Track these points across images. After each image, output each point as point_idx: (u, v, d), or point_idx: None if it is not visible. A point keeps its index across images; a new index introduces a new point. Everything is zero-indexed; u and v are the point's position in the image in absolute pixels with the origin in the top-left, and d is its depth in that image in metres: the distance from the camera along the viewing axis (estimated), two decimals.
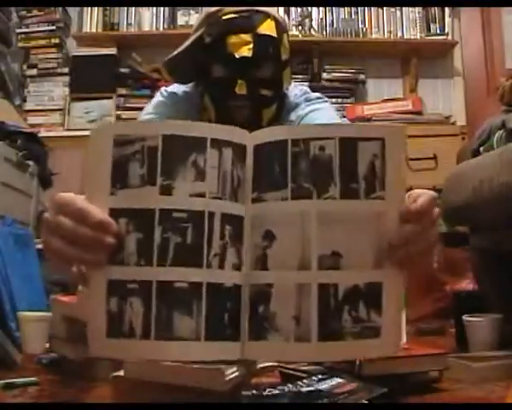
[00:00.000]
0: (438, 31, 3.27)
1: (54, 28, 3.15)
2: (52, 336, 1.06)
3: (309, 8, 3.24)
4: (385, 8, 3.28)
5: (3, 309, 1.31)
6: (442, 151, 2.63)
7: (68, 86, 3.13)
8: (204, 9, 1.28)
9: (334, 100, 3.12)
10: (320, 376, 0.76)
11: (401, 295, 0.67)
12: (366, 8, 3.27)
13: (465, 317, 1.25)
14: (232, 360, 0.71)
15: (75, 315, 0.92)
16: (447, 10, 3.28)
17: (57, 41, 3.15)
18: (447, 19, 3.28)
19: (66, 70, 3.15)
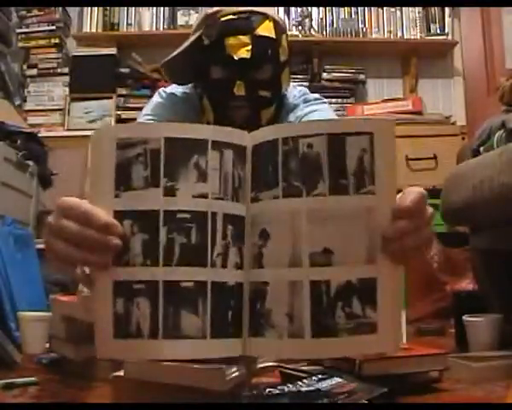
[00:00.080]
0: (438, 31, 3.27)
1: (54, 28, 3.15)
2: (52, 336, 1.06)
3: (309, 8, 3.24)
4: (385, 8, 3.28)
5: (3, 309, 1.31)
6: (442, 151, 2.63)
7: (68, 86, 3.13)
8: (203, 10, 1.28)
9: (334, 100, 3.13)
10: (320, 376, 0.76)
11: (399, 290, 0.66)
12: (366, 8, 3.28)
13: (465, 317, 1.25)
14: (232, 360, 0.71)
15: (75, 315, 0.92)
16: (447, 10, 3.28)
17: (57, 41, 3.15)
18: (447, 19, 3.28)
19: (66, 70, 3.15)
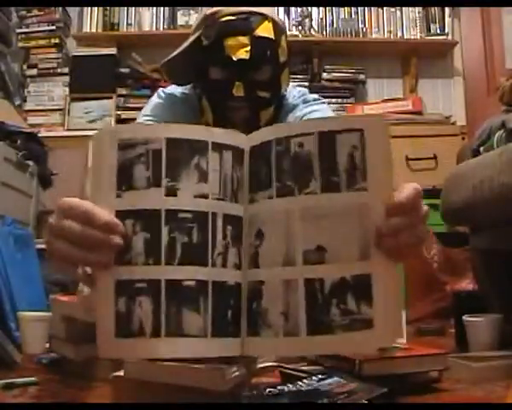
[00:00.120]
0: (438, 31, 3.27)
1: (54, 28, 3.15)
2: (52, 336, 1.06)
3: (309, 8, 3.24)
4: (385, 8, 3.28)
5: (3, 309, 1.31)
6: (442, 151, 2.63)
7: (68, 86, 3.13)
8: (202, 11, 1.28)
9: (334, 100, 3.13)
10: (320, 376, 0.76)
11: (396, 286, 0.65)
12: (366, 8, 3.28)
13: (465, 317, 1.25)
14: (232, 360, 0.71)
15: (75, 315, 0.92)
16: (447, 10, 3.28)
17: (57, 41, 3.15)
18: (447, 19, 3.28)
19: (66, 70, 3.15)
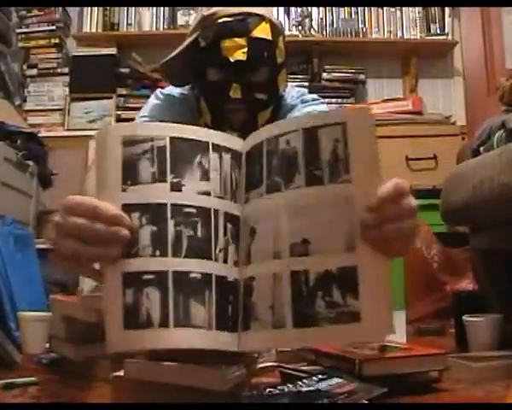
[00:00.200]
0: (438, 31, 3.27)
1: (54, 28, 3.15)
2: (52, 336, 1.06)
3: (309, 8, 3.24)
4: (385, 8, 3.28)
5: (3, 309, 1.31)
6: (442, 151, 2.63)
7: (68, 86, 3.13)
8: (200, 11, 1.27)
9: (334, 100, 3.13)
10: (320, 376, 0.76)
11: (384, 279, 0.64)
12: (366, 8, 3.27)
13: (465, 317, 1.25)
14: (232, 360, 0.71)
15: (75, 315, 0.92)
16: (447, 10, 3.28)
17: (57, 41, 3.15)
18: (447, 19, 3.28)
19: (66, 70, 3.14)
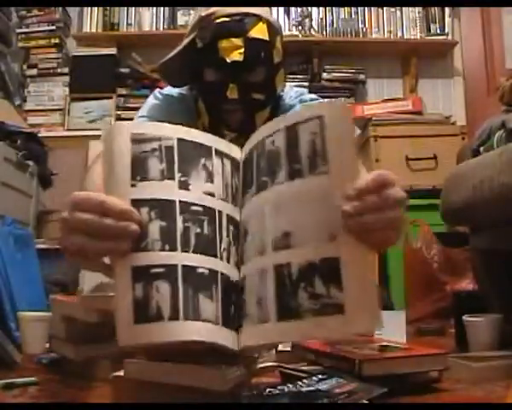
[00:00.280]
0: (438, 31, 3.27)
1: (54, 28, 3.15)
2: (52, 336, 1.06)
3: (309, 8, 3.24)
4: (385, 8, 3.28)
5: (3, 309, 1.31)
6: (442, 151, 2.63)
7: (68, 86, 3.13)
8: (198, 11, 1.27)
9: (334, 100, 3.11)
10: (320, 376, 0.76)
11: (368, 270, 0.63)
12: (366, 8, 3.27)
13: (465, 317, 1.25)
14: (232, 360, 0.71)
15: (75, 315, 0.92)
16: (447, 10, 3.28)
17: (57, 41, 3.15)
18: (447, 19, 3.28)
19: (66, 70, 3.15)
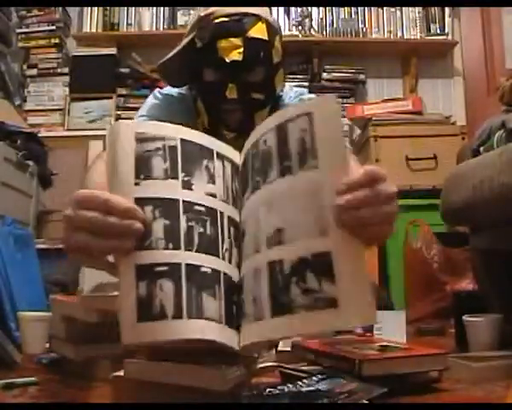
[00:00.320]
0: (438, 31, 3.27)
1: (54, 28, 3.15)
2: (52, 336, 1.06)
3: (309, 8, 3.24)
4: (385, 8, 3.28)
5: (3, 309, 1.31)
6: (442, 151, 2.62)
7: (68, 86, 3.13)
8: (197, 11, 1.27)
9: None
10: (320, 376, 0.76)
11: (361, 264, 0.63)
12: (366, 8, 3.27)
13: (465, 317, 1.25)
14: (232, 360, 0.71)
15: (75, 315, 0.92)
16: (447, 10, 3.28)
17: (57, 41, 3.15)
18: (447, 19, 3.28)
19: (66, 70, 3.15)
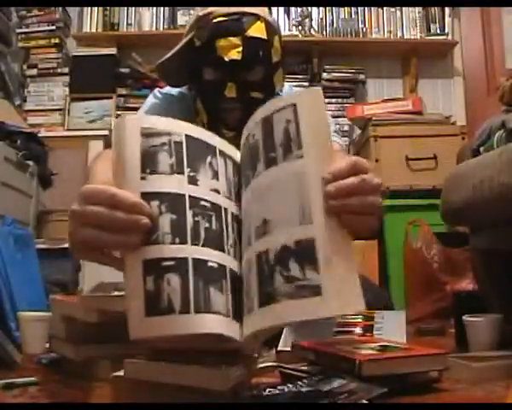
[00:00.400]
0: (438, 31, 3.27)
1: (54, 28, 3.16)
2: (52, 336, 1.06)
3: (309, 8, 3.24)
4: (385, 8, 3.28)
5: (3, 309, 1.31)
6: (442, 151, 2.63)
7: (68, 86, 3.13)
8: (196, 11, 1.27)
9: (334, 100, 3.13)
10: (320, 376, 0.76)
11: (347, 252, 0.63)
12: (366, 8, 3.28)
13: (465, 317, 1.25)
14: (232, 360, 0.71)
15: (75, 315, 0.92)
16: (447, 10, 3.29)
17: (57, 41, 3.15)
18: (447, 19, 3.28)
19: (66, 70, 3.15)
